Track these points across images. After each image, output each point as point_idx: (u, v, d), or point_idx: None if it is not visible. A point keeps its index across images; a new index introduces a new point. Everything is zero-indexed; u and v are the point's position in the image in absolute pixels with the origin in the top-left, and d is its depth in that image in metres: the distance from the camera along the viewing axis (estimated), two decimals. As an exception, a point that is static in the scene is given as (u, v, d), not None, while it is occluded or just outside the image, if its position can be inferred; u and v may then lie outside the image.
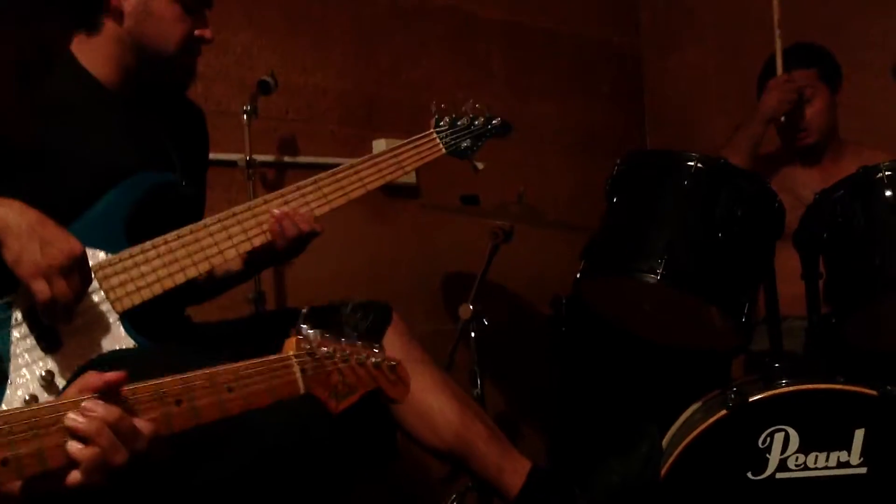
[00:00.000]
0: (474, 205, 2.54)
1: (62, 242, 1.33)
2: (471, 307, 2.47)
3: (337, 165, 2.59)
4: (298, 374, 1.20)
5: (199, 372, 1.12)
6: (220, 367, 1.15)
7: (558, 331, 2.51)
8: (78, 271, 1.36)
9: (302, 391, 1.21)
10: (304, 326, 1.25)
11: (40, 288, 1.31)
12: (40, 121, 1.55)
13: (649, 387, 2.48)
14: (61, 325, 1.37)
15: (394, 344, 1.77)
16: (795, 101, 2.56)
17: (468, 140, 1.95)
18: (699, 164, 1.98)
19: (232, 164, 2.37)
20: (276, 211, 1.68)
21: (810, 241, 1.99)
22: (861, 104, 2.80)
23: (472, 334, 2.48)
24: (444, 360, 2.45)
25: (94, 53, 1.65)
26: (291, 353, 1.21)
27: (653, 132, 3.60)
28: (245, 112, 2.36)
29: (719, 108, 3.23)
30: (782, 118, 2.56)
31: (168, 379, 1.09)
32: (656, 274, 1.91)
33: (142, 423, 1.05)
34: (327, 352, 1.24)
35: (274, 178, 2.55)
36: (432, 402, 1.78)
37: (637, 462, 1.85)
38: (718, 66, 3.35)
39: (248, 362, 1.17)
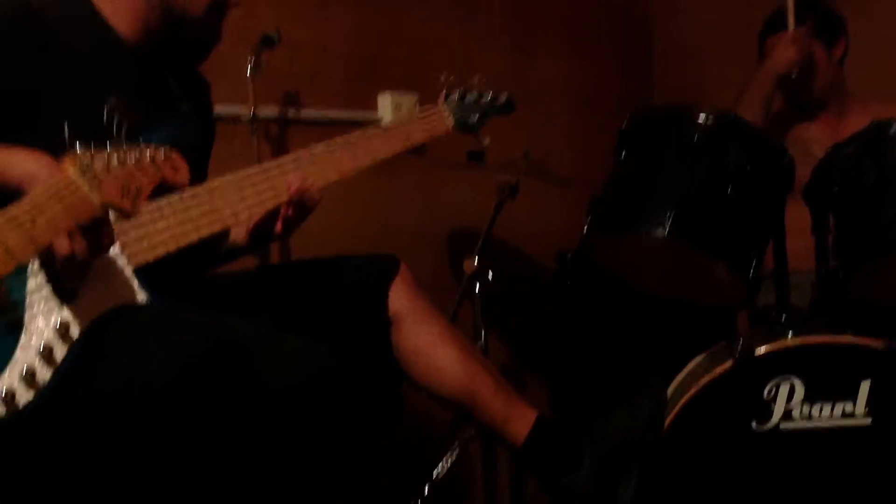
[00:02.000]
0: (480, 161, 2.53)
1: None
2: (475, 262, 2.47)
3: (341, 121, 2.63)
4: (87, 190, 1.25)
5: None
6: (14, 206, 1.19)
7: (563, 286, 2.51)
8: (99, 232, 1.36)
9: (97, 204, 1.26)
10: (74, 145, 1.27)
11: (60, 244, 1.31)
12: (56, 71, 1.54)
13: (654, 340, 2.49)
14: (74, 281, 1.37)
15: (401, 294, 1.78)
16: (808, 56, 2.54)
17: (476, 115, 1.97)
18: (709, 119, 1.97)
19: (235, 119, 2.37)
20: (296, 184, 1.67)
21: (820, 196, 1.99)
22: (872, 60, 2.78)
23: (477, 289, 2.48)
24: (448, 314, 2.46)
25: (118, 8, 1.64)
26: (72, 171, 1.25)
27: (660, 90, 3.56)
28: (249, 66, 2.34)
29: (728, 65, 3.19)
30: (794, 73, 2.54)
31: None
32: (664, 229, 1.91)
33: None
34: (102, 161, 1.28)
35: (277, 132, 2.54)
36: (439, 353, 1.79)
37: (641, 414, 1.86)
38: (727, 23, 3.30)
39: (38, 192, 1.22)
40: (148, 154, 1.34)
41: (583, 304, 2.60)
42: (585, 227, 2.07)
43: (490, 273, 2.48)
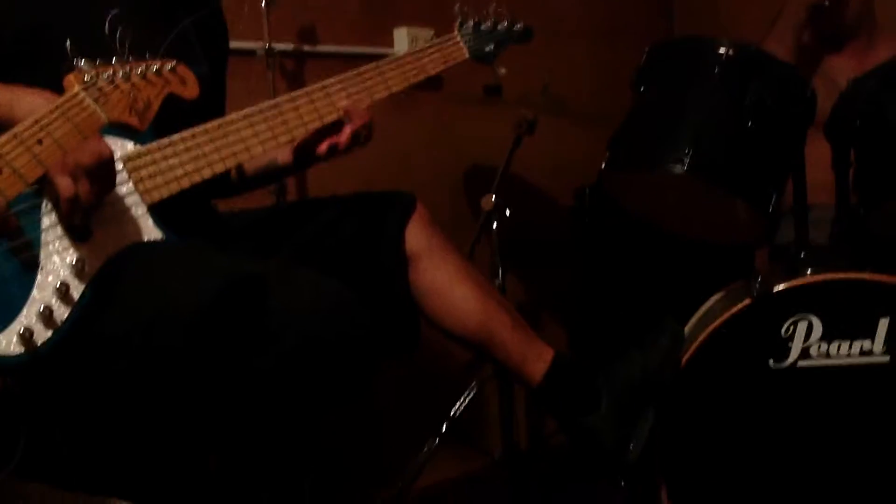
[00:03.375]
0: (497, 95, 2.50)
1: (93, 143, 1.32)
2: (493, 198, 2.46)
3: (357, 55, 2.60)
4: (93, 105, 1.25)
5: (2, 137, 1.16)
6: (19, 126, 1.19)
7: (581, 222, 2.50)
8: (103, 176, 1.35)
9: (104, 120, 1.26)
10: (75, 60, 1.26)
11: (64, 184, 1.30)
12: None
13: (672, 277, 2.49)
14: (76, 224, 1.36)
15: (418, 232, 1.77)
16: None
17: (491, 44, 1.93)
18: (730, 52, 1.93)
19: (251, 53, 2.34)
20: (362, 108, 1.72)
21: (842, 131, 1.95)
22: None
23: (494, 225, 2.47)
24: (465, 251, 2.46)
25: None
26: (77, 87, 1.24)
27: (680, 20, 3.51)
28: (263, -1, 2.31)
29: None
30: (826, 2, 2.47)
31: None
32: (682, 164, 1.88)
33: None
34: (107, 76, 1.27)
35: (293, 67, 2.51)
36: (456, 291, 1.79)
37: (658, 352, 1.86)
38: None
39: (43, 112, 1.21)
40: (154, 67, 1.32)
41: (601, 241, 2.59)
42: (604, 163, 2.05)
43: (507, 210, 2.47)
